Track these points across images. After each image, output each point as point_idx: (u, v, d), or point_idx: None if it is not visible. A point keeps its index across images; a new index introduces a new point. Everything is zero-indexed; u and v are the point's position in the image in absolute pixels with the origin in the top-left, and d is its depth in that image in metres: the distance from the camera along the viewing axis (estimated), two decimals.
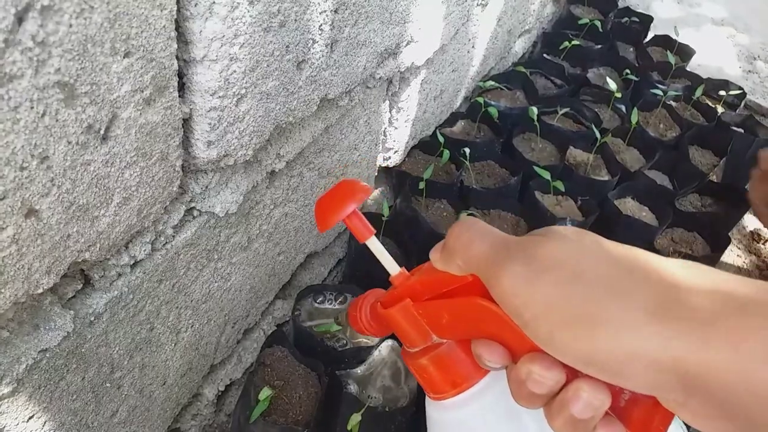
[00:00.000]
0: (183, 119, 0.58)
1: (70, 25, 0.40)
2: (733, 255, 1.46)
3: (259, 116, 0.66)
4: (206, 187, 0.67)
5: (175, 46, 0.51)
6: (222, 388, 0.97)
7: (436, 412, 0.37)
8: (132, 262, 0.62)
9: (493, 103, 1.33)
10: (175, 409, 0.87)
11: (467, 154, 1.18)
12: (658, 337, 0.28)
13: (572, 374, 0.31)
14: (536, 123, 1.29)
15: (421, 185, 1.08)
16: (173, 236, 0.67)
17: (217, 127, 0.61)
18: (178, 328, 0.77)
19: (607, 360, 0.29)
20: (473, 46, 1.25)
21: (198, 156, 0.62)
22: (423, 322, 0.36)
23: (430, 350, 0.36)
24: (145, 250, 0.63)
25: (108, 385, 0.69)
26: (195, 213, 0.69)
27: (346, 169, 0.97)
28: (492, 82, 1.38)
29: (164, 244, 0.66)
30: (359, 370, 0.91)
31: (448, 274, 0.36)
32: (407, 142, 1.14)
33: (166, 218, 0.64)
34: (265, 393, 0.80)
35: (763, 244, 1.49)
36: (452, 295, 0.36)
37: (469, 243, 0.35)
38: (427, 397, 0.38)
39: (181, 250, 0.69)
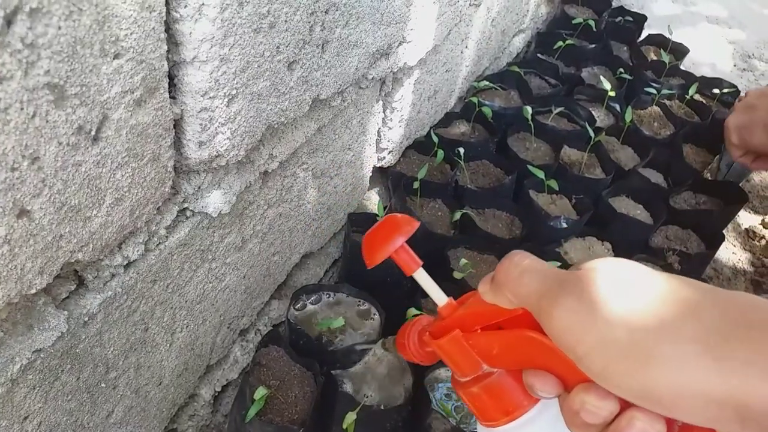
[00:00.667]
0: (174, 120, 0.59)
1: (59, 27, 0.40)
2: (728, 252, 1.47)
3: (251, 117, 0.66)
4: (199, 187, 0.67)
5: (165, 47, 0.52)
6: (218, 389, 0.98)
7: None
8: (125, 263, 0.63)
9: (487, 102, 1.34)
10: (172, 409, 0.87)
11: (462, 153, 1.18)
12: (713, 372, 0.28)
13: (626, 403, 0.32)
14: (530, 122, 1.30)
15: (416, 185, 1.08)
16: (166, 237, 0.68)
17: (209, 128, 0.61)
18: (173, 328, 0.78)
19: (662, 395, 0.30)
20: (467, 47, 1.26)
21: (190, 156, 0.62)
22: (473, 352, 0.37)
23: (481, 379, 0.37)
24: (138, 251, 0.63)
25: (103, 385, 0.69)
26: (188, 213, 0.69)
27: (340, 169, 0.98)
28: (486, 82, 1.39)
29: (157, 245, 0.67)
30: (355, 369, 0.92)
31: (497, 306, 0.37)
32: (401, 143, 1.14)
33: (159, 219, 0.65)
34: (261, 392, 0.80)
35: (758, 241, 1.49)
36: (502, 327, 0.38)
37: (519, 277, 0.36)
38: (478, 424, 0.39)
39: (174, 251, 0.69)
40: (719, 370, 0.28)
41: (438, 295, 0.42)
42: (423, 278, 0.44)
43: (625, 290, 0.33)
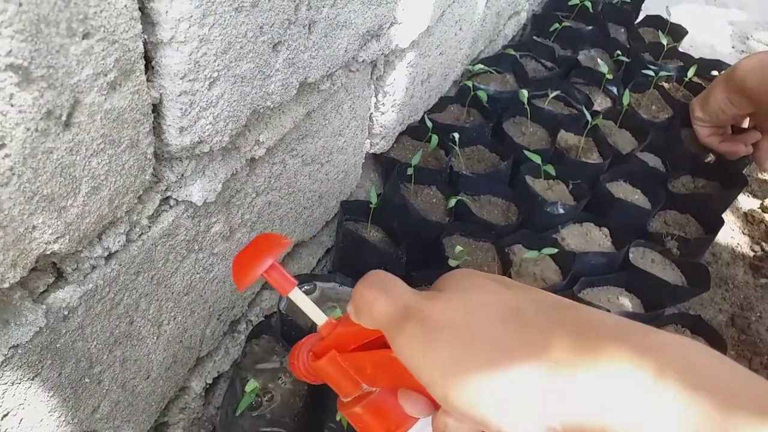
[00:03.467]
0: (153, 104, 0.56)
1: (20, 4, 0.38)
2: (727, 237, 1.45)
3: (234, 100, 0.64)
4: (182, 175, 0.65)
5: (140, 27, 0.49)
6: (210, 381, 0.96)
7: None
8: (106, 254, 0.61)
9: (482, 86, 1.31)
10: (161, 402, 0.85)
11: (456, 139, 1.15)
12: (544, 397, 0.30)
13: None
14: (526, 106, 1.27)
15: (410, 171, 1.06)
16: (149, 227, 0.65)
17: (189, 112, 0.58)
18: (160, 320, 0.75)
19: (500, 420, 0.31)
20: (461, 29, 1.23)
21: (171, 143, 0.60)
22: (350, 371, 0.38)
23: (363, 398, 0.38)
24: (119, 242, 0.61)
25: (87, 380, 0.67)
26: (171, 202, 0.67)
27: (331, 156, 0.95)
28: (481, 66, 1.36)
29: (140, 235, 0.64)
30: None
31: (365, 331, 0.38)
32: (395, 128, 1.12)
33: (141, 208, 0.63)
34: (251, 385, 0.78)
35: (757, 225, 1.47)
36: (372, 347, 0.38)
37: (372, 302, 0.37)
38: None
39: (158, 241, 0.67)
40: (548, 394, 0.30)
41: (316, 315, 0.42)
42: (299, 298, 0.43)
43: (465, 315, 0.33)
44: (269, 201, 0.84)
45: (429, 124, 1.16)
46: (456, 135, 1.16)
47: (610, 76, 1.43)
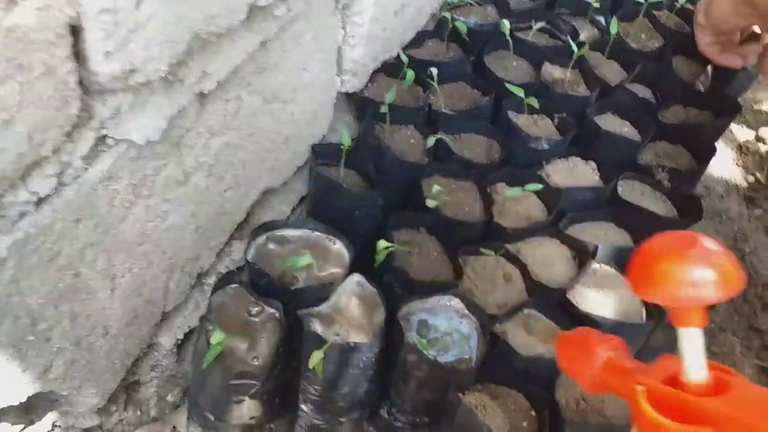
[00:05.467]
0: (69, 24, 0.49)
1: None
2: (720, 169, 1.40)
3: (169, 23, 0.57)
4: (117, 110, 0.58)
5: None
6: (180, 336, 0.91)
7: None
8: (35, 199, 0.55)
9: (461, 19, 1.23)
10: (126, 360, 0.81)
11: (435, 74, 1.08)
12: None
13: None
14: (509, 39, 1.19)
15: (384, 109, 0.99)
16: (85, 168, 0.59)
17: (114, 34, 0.52)
18: (112, 273, 0.70)
19: None
20: None
21: (97, 71, 0.53)
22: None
23: None
24: (49, 185, 0.55)
25: (32, 338, 0.62)
26: (109, 141, 0.61)
27: (295, 93, 0.89)
28: None
29: (75, 178, 0.58)
30: (323, 307, 0.85)
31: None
32: (367, 65, 1.04)
33: (72, 147, 0.56)
34: (218, 337, 0.74)
35: (752, 156, 1.42)
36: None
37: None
38: None
39: (98, 185, 0.61)
40: None
41: (695, 363, 0.39)
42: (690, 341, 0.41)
43: None
44: (227, 142, 0.78)
45: (404, 58, 1.08)
46: (434, 70, 1.09)
47: (597, 5, 1.34)
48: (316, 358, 0.75)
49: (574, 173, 1.10)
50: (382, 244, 0.88)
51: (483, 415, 0.84)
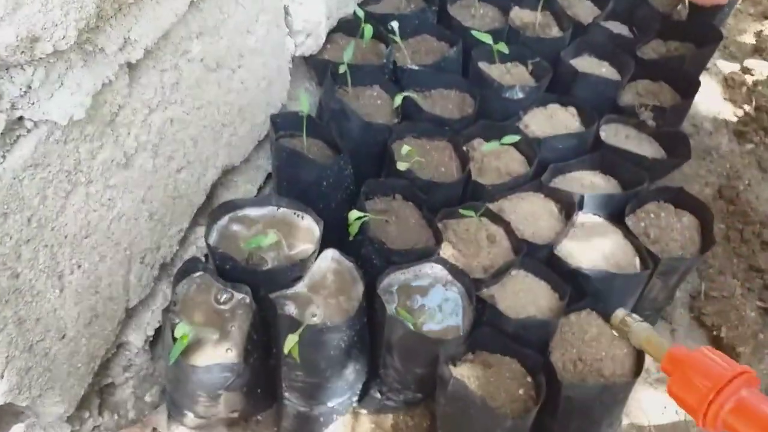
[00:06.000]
0: None
1: None
2: (707, 105, 1.34)
3: None
4: (28, 87, 0.52)
5: None
6: (151, 333, 0.86)
7: None
8: None
9: None
10: (91, 363, 0.76)
11: (396, 29, 1.02)
12: None
13: None
14: None
15: (342, 69, 0.93)
16: (3, 156, 0.53)
17: None
18: (58, 271, 0.64)
19: None
20: None
21: None
22: None
23: None
24: None
25: None
26: (28, 124, 0.54)
27: (242, 59, 0.82)
28: None
29: None
30: (297, 288, 0.80)
31: None
32: (321, 23, 0.97)
33: None
34: (182, 329, 0.68)
35: (739, 88, 1.36)
36: None
37: None
38: None
39: (22, 174, 0.55)
40: None
41: None
42: None
43: None
44: (170, 118, 0.72)
45: (360, 14, 1.01)
46: (395, 24, 1.02)
47: None
48: (291, 342, 0.70)
49: (554, 121, 1.04)
50: (354, 214, 0.83)
51: (476, 386, 0.79)
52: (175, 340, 0.69)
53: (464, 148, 0.98)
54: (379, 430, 0.94)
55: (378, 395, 0.92)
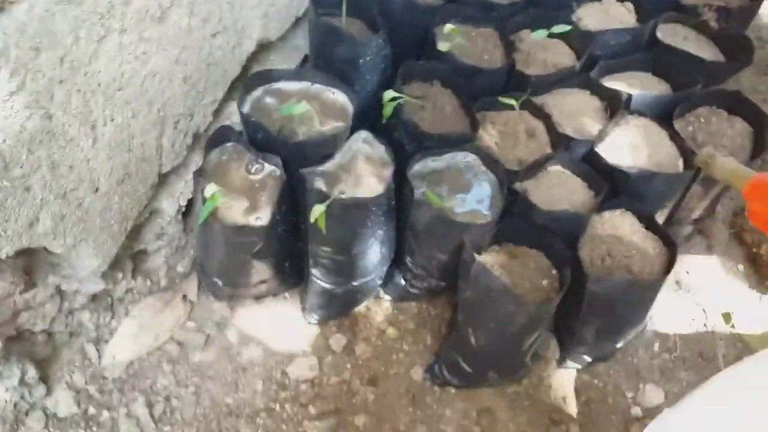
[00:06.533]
0: None
1: None
2: None
3: None
4: None
5: None
6: (183, 203, 0.87)
7: None
8: None
9: None
10: (124, 223, 0.77)
11: None
12: None
13: None
14: None
15: None
16: None
17: None
18: (91, 120, 0.64)
19: None
20: None
21: None
22: None
23: None
24: None
25: (7, 183, 0.58)
26: None
27: None
28: None
29: None
30: (327, 166, 0.79)
31: None
32: None
33: None
34: (211, 189, 0.69)
35: None
36: None
37: None
38: None
39: (54, 7, 0.54)
40: None
41: None
42: None
43: None
44: None
45: None
46: None
47: None
48: (317, 211, 0.70)
49: (609, 16, 0.98)
50: (389, 94, 0.80)
51: (500, 273, 0.78)
52: (205, 201, 0.70)
53: (511, 37, 0.94)
54: (402, 316, 0.96)
55: (402, 282, 0.93)
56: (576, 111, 0.91)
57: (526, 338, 0.80)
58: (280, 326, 0.91)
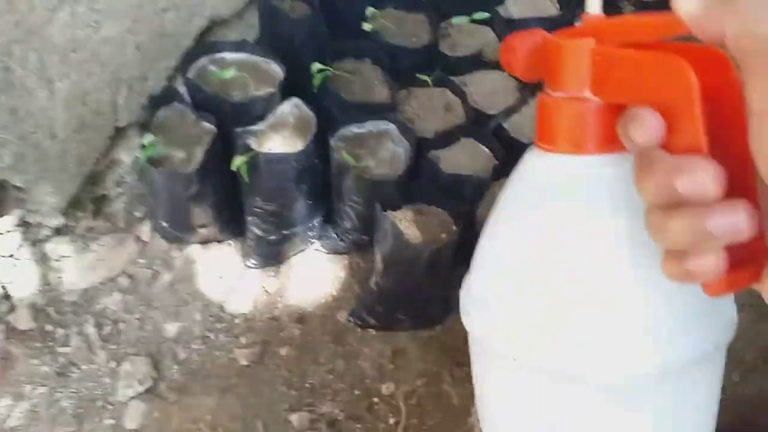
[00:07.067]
0: None
1: None
2: None
3: None
4: None
5: None
6: (139, 155, 1.00)
7: (535, 158, 0.34)
8: None
9: None
10: (82, 167, 0.90)
11: None
12: None
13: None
14: None
15: None
16: None
17: None
18: (48, 76, 0.77)
19: None
20: None
21: None
22: (590, 69, 0.30)
23: (574, 101, 0.31)
24: None
25: None
26: None
27: None
28: None
29: None
30: (258, 126, 0.91)
31: (669, 22, 0.27)
32: None
33: None
34: (148, 138, 0.81)
35: None
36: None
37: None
38: (533, 145, 0.34)
39: None
40: None
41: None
42: None
43: None
44: None
45: None
46: None
47: None
48: (238, 161, 0.82)
49: (536, 3, 1.07)
50: (316, 66, 0.92)
51: (406, 227, 0.90)
52: (143, 148, 0.82)
53: (442, 24, 1.04)
54: (334, 267, 1.08)
55: (334, 236, 1.05)
56: (492, 90, 1.01)
57: (426, 283, 0.92)
58: (221, 268, 1.03)
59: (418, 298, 0.95)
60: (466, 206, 0.91)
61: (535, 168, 0.34)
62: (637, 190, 0.26)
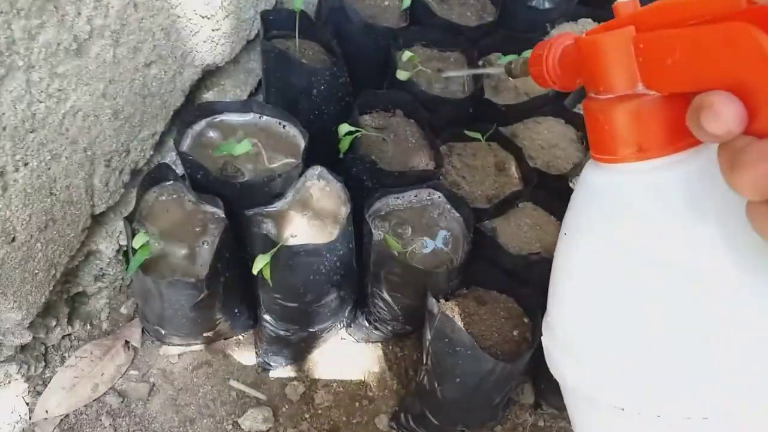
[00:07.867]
0: None
1: None
2: None
3: None
4: None
5: None
6: (124, 242, 0.80)
7: (595, 174, 0.31)
8: None
9: None
10: (51, 270, 0.71)
11: None
12: None
13: None
14: None
15: None
16: None
17: None
18: (0, 166, 0.58)
19: None
20: None
21: None
22: (637, 61, 0.27)
23: (627, 100, 0.28)
24: None
25: None
26: None
27: None
28: None
29: None
30: (277, 205, 0.72)
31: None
32: None
33: None
34: (141, 239, 0.62)
35: None
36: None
37: None
38: (590, 158, 0.32)
39: None
40: None
41: None
42: None
43: None
44: (134, 2, 0.62)
45: None
46: None
47: None
48: (260, 262, 0.63)
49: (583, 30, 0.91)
50: (344, 128, 0.74)
51: (467, 323, 0.72)
52: (134, 250, 0.63)
53: (480, 62, 0.87)
54: (365, 359, 0.89)
55: (366, 323, 0.87)
56: (548, 142, 0.84)
57: (496, 394, 0.74)
58: (233, 371, 0.84)
59: (483, 408, 0.77)
60: (538, 293, 0.73)
61: (600, 186, 0.30)
62: (731, 187, 0.23)
